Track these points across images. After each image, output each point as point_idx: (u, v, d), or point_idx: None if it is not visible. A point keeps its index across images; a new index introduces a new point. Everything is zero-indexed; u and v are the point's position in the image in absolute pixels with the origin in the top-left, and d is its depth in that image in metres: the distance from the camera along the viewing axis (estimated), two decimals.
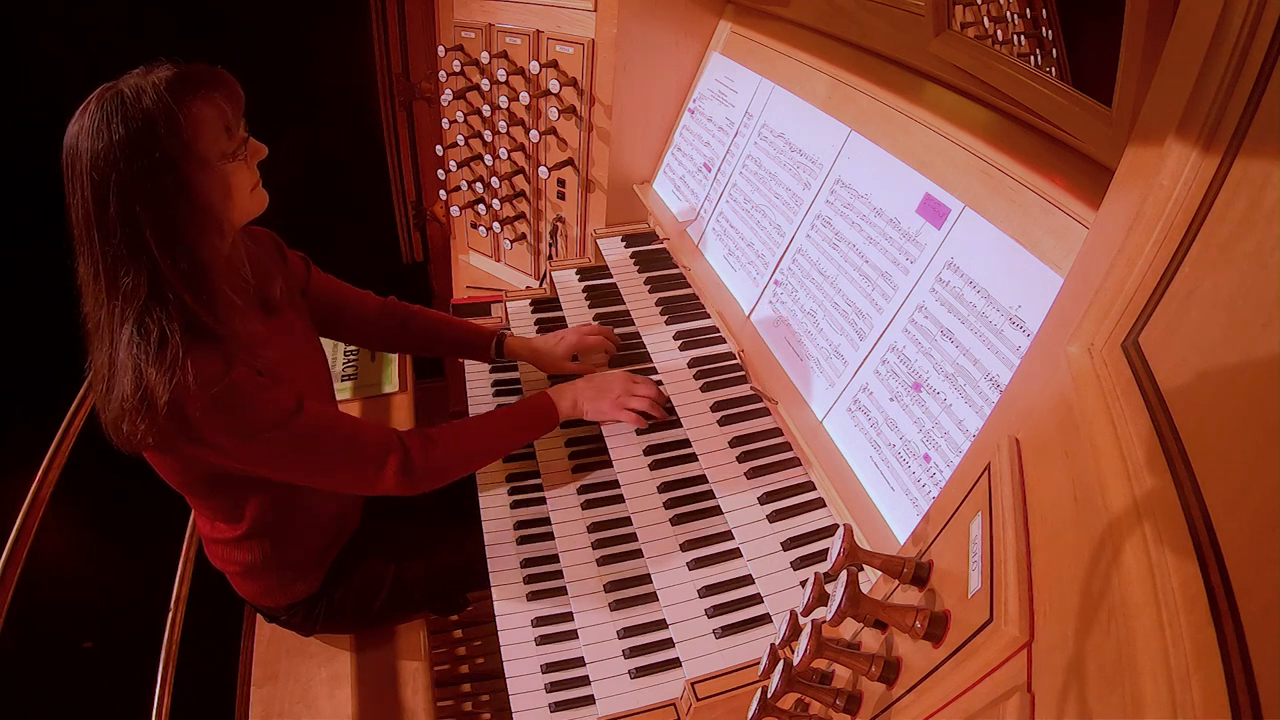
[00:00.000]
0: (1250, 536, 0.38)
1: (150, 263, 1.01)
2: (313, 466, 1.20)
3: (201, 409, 1.03)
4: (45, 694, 2.04)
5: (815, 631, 0.65)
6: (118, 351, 1.03)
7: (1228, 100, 0.53)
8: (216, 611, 1.61)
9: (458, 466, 1.32)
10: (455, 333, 1.63)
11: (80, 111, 1.00)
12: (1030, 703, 0.48)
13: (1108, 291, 0.62)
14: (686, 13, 1.81)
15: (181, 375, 1.01)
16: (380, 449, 1.22)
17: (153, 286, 1.01)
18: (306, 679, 1.48)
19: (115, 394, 1.03)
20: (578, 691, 1.19)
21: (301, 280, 1.45)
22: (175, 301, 1.02)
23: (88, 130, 0.98)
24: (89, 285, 1.04)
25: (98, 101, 1.00)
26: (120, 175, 0.97)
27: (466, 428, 1.35)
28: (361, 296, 1.58)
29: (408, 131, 2.51)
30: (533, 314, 1.85)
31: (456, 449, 1.30)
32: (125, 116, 0.98)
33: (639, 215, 1.97)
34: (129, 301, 1.01)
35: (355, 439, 1.21)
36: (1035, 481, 0.62)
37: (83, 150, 0.98)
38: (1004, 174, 1.05)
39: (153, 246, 1.00)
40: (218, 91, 1.06)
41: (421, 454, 1.24)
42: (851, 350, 1.23)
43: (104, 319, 1.04)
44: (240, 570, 1.36)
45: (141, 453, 1.11)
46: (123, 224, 0.99)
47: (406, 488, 1.25)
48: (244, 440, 1.09)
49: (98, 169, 0.97)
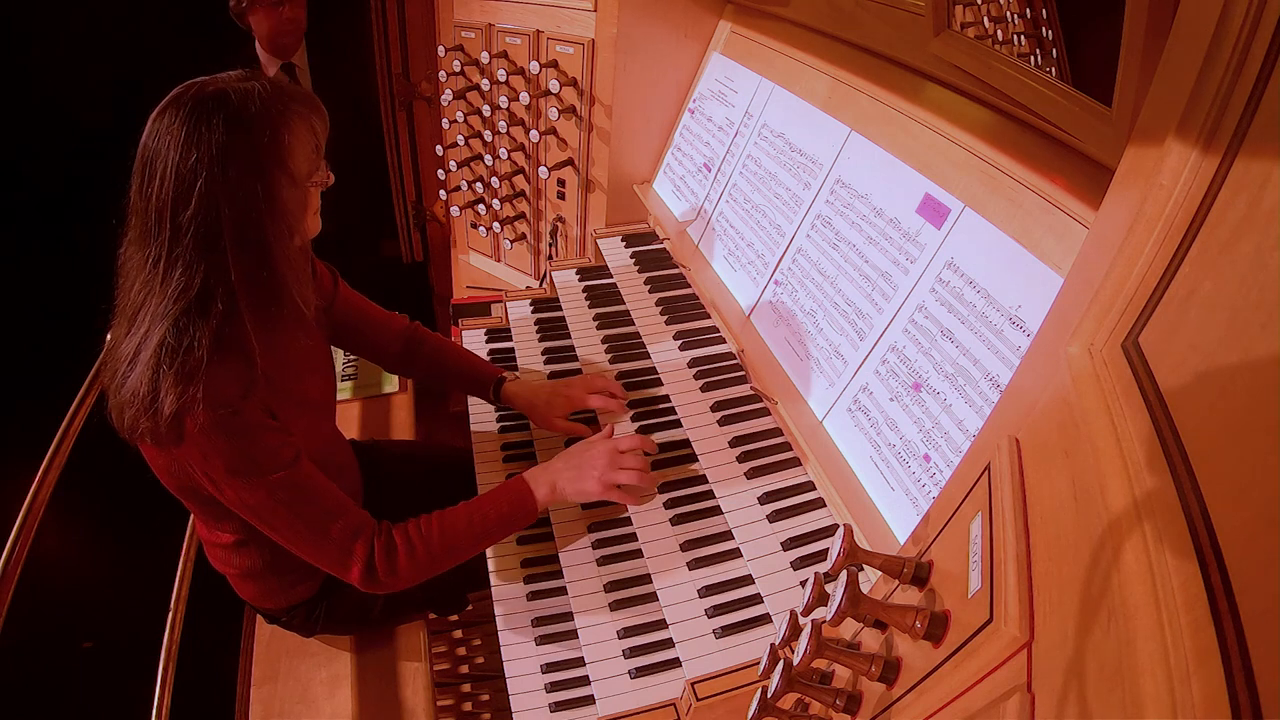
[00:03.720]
0: (1250, 536, 0.38)
1: (216, 264, 1.01)
2: (283, 525, 1.14)
3: (200, 428, 1.02)
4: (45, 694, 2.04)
5: (815, 631, 0.65)
6: (147, 343, 1.02)
7: (1228, 100, 0.53)
8: (216, 611, 1.61)
9: (424, 574, 1.23)
10: (462, 367, 1.58)
11: (171, 105, 1.00)
12: (1030, 703, 0.48)
13: (1108, 291, 0.62)
14: (686, 13, 1.81)
15: (194, 390, 1.00)
16: (350, 537, 1.16)
17: (206, 287, 1.01)
18: (306, 679, 1.48)
19: (129, 383, 1.02)
20: (578, 691, 1.19)
21: (328, 294, 1.43)
22: (226, 307, 1.02)
23: (182, 125, 0.97)
24: (138, 269, 1.03)
25: (196, 99, 0.99)
26: (212, 177, 0.97)
27: (435, 534, 1.22)
28: (387, 317, 1.55)
29: (408, 131, 2.52)
30: (533, 314, 1.85)
31: (425, 556, 1.20)
32: (228, 121, 0.98)
33: (639, 215, 1.97)
34: (177, 298, 1.01)
35: (332, 516, 1.16)
36: (1035, 481, 0.62)
37: (170, 144, 0.97)
38: (1004, 174, 1.05)
39: (229, 249, 1.00)
40: (315, 114, 1.08)
41: (385, 561, 1.18)
42: (851, 350, 1.23)
43: (147, 307, 1.03)
44: (240, 573, 1.36)
45: (138, 445, 1.11)
46: (201, 223, 0.99)
47: (371, 588, 1.19)
48: (230, 474, 1.07)
49: (187, 166, 0.97)
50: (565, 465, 1.29)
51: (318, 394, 1.30)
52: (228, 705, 1.51)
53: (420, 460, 1.73)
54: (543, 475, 1.29)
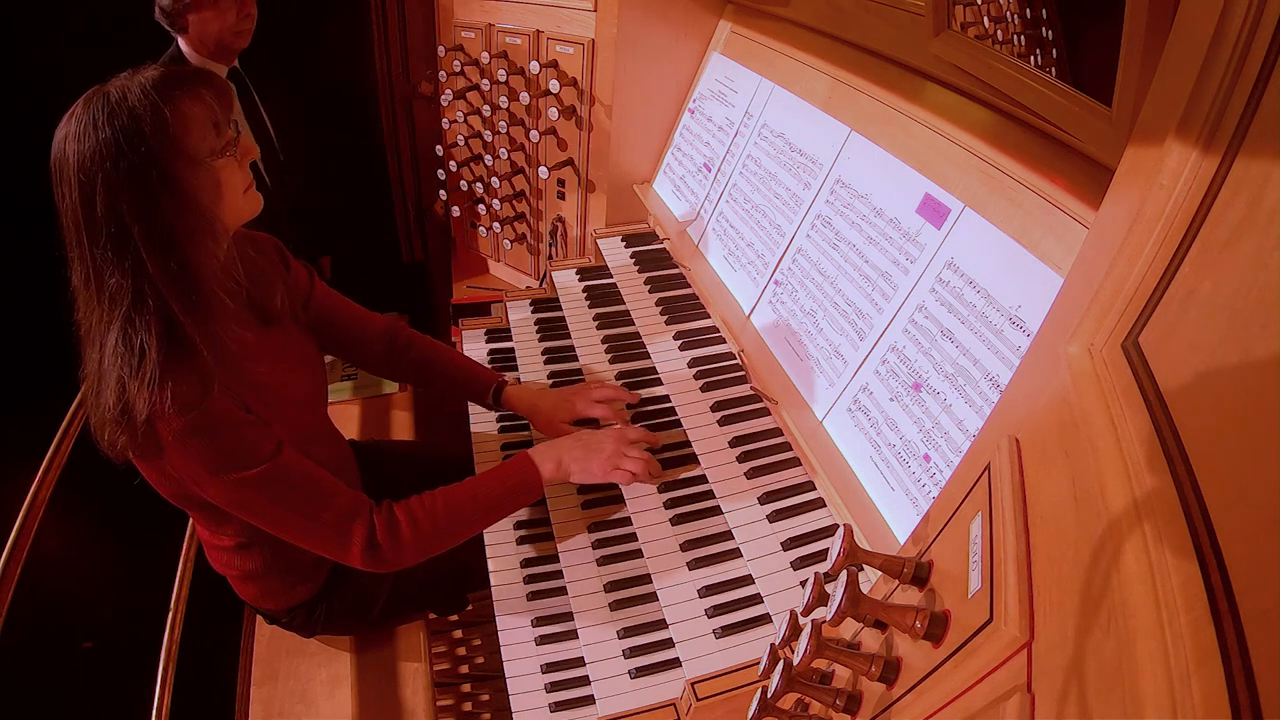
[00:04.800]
0: (1250, 536, 0.38)
1: (136, 263, 0.99)
2: (277, 517, 1.15)
3: (174, 434, 1.01)
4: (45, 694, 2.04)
5: (815, 631, 0.65)
6: (105, 358, 1.02)
7: (1228, 100, 0.53)
8: (216, 612, 1.61)
9: (430, 549, 1.23)
10: (455, 371, 1.56)
11: (68, 116, 1.00)
12: (1030, 703, 0.48)
13: (1108, 291, 0.62)
14: (686, 13, 1.81)
15: (159, 394, 0.99)
16: (347, 517, 1.17)
17: (136, 290, 1.00)
18: (306, 679, 1.48)
19: (101, 401, 1.02)
20: (578, 691, 1.19)
21: (304, 292, 1.41)
22: (158, 306, 1.01)
23: (75, 133, 0.97)
24: (80, 291, 1.03)
25: (84, 104, 0.99)
26: (107, 174, 0.96)
27: (439, 509, 1.23)
28: (366, 317, 1.52)
29: (408, 131, 2.51)
30: (533, 314, 1.85)
31: (430, 529, 1.21)
32: (111, 115, 0.97)
33: (639, 215, 1.97)
34: (115, 305, 1.00)
35: (324, 500, 1.16)
36: (1035, 481, 0.62)
37: (70, 152, 0.97)
38: (1004, 174, 1.05)
39: (140, 246, 0.99)
40: (205, 88, 1.05)
41: (388, 535, 1.18)
42: (851, 350, 1.23)
43: (94, 324, 1.03)
44: (241, 574, 1.36)
45: (126, 461, 1.10)
46: (109, 224, 0.98)
47: (374, 565, 1.19)
48: (212, 474, 1.07)
49: (84, 170, 0.96)
50: (574, 443, 1.32)
51: (299, 391, 1.28)
52: (228, 705, 1.51)
53: (420, 460, 1.73)
54: (549, 451, 1.31)
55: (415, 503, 1.22)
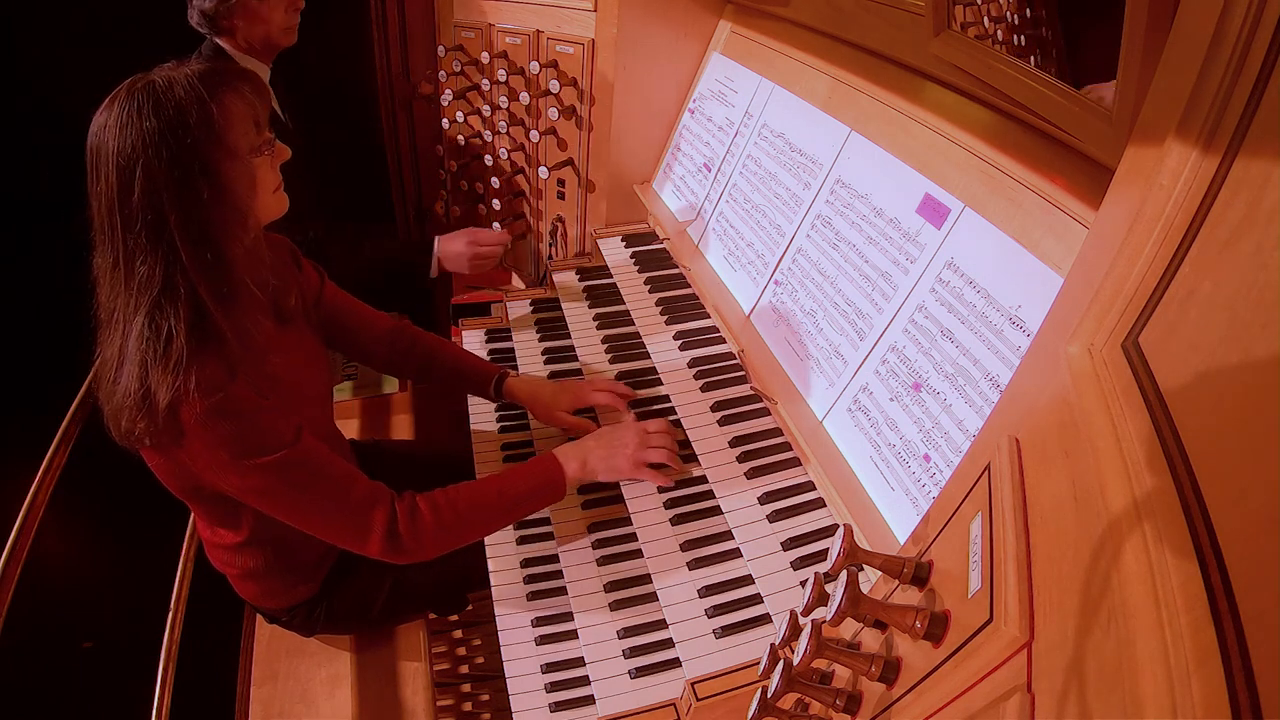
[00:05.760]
0: (1250, 536, 0.38)
1: (169, 251, 1.00)
2: (296, 504, 1.15)
3: (197, 417, 1.02)
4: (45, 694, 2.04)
5: (815, 631, 0.65)
6: (128, 343, 1.02)
7: (1228, 100, 0.53)
8: (216, 611, 1.61)
9: (451, 542, 1.23)
10: (458, 365, 1.57)
11: (109, 102, 1.00)
12: (1030, 703, 0.47)
13: (1108, 291, 0.62)
14: (686, 13, 1.81)
15: (184, 380, 1.00)
16: (368, 504, 1.17)
17: (168, 277, 1.01)
18: (306, 679, 1.48)
19: (120, 387, 1.03)
20: (578, 691, 1.19)
21: (315, 292, 1.43)
22: (188, 295, 1.02)
23: (117, 118, 0.98)
24: (106, 274, 1.04)
25: (128, 92, 0.99)
26: (148, 162, 0.97)
27: (462, 502, 1.23)
28: (374, 316, 1.55)
29: (408, 131, 2.51)
30: (533, 314, 1.85)
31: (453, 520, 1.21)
32: (157, 105, 0.98)
33: (639, 215, 1.97)
34: (144, 291, 1.01)
35: (345, 487, 1.16)
36: (1035, 481, 0.62)
37: (109, 138, 0.98)
38: (1004, 174, 1.05)
39: (175, 234, 1.00)
40: (248, 86, 1.07)
41: (409, 523, 1.18)
42: (851, 350, 1.23)
43: (119, 308, 1.03)
44: (241, 573, 1.36)
45: (139, 451, 1.11)
46: (146, 212, 0.99)
47: (393, 555, 1.19)
48: (234, 458, 1.07)
49: (125, 156, 0.97)
50: (597, 443, 1.32)
51: (311, 388, 1.30)
52: (228, 705, 1.51)
53: (420, 460, 1.73)
54: (574, 451, 1.31)
55: (439, 493, 1.23)
